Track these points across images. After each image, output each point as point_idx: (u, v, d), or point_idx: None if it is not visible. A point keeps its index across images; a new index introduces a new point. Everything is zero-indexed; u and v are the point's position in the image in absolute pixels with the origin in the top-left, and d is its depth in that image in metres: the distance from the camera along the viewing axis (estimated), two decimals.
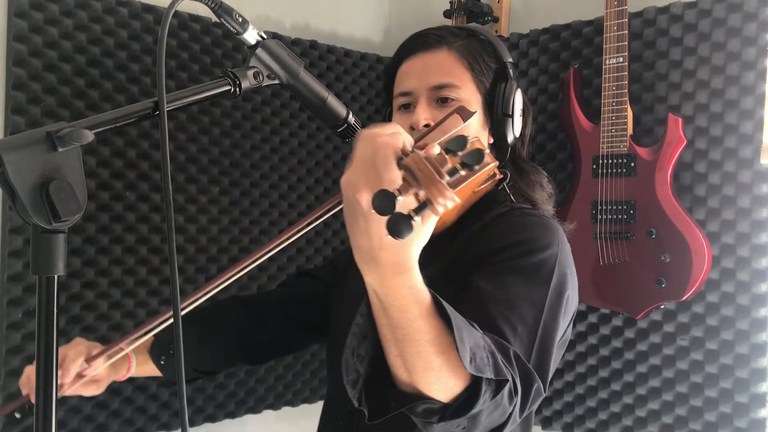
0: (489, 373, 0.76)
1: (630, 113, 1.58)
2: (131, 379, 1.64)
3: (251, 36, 0.78)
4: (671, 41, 1.63)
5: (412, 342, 0.75)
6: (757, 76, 1.50)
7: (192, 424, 1.77)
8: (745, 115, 1.52)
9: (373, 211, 0.63)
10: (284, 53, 0.81)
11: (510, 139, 1.11)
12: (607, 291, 1.61)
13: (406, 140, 0.69)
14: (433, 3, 2.18)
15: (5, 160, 0.55)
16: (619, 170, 1.57)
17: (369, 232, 0.69)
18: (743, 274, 1.52)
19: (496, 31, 1.99)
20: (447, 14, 1.95)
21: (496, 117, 1.09)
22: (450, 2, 1.94)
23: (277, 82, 0.81)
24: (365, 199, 0.67)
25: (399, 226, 0.62)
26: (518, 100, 1.11)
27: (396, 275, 0.72)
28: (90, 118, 0.63)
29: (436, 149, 0.65)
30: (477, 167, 0.62)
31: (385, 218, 0.63)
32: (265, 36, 0.80)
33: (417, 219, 0.62)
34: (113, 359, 1.07)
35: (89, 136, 0.59)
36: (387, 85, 1.17)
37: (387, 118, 1.17)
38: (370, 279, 0.73)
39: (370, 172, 0.67)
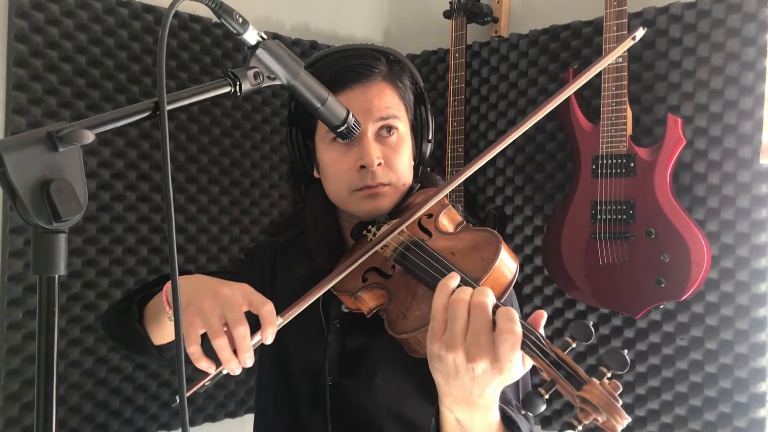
0: None
1: (629, 113, 1.58)
2: (131, 379, 1.66)
3: (251, 36, 0.78)
4: (671, 41, 1.63)
5: None
6: (756, 76, 1.50)
7: (192, 423, 1.77)
8: (744, 115, 1.52)
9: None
10: (284, 53, 0.80)
11: (426, 160, 1.14)
12: (607, 291, 1.61)
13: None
14: (433, 3, 2.18)
15: (6, 159, 0.55)
16: (619, 170, 1.57)
17: (473, 389, 0.78)
18: (743, 274, 1.52)
19: (496, 32, 1.98)
20: (447, 14, 1.95)
21: (420, 142, 1.12)
22: (450, 2, 1.94)
23: (277, 82, 0.80)
24: (481, 367, 0.76)
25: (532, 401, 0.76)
26: (432, 123, 1.13)
27: (486, 413, 0.83)
28: (90, 118, 0.63)
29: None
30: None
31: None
32: (265, 36, 0.80)
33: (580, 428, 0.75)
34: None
35: (90, 136, 0.59)
36: (303, 116, 1.09)
37: (301, 148, 1.11)
38: (459, 415, 0.83)
39: (485, 345, 0.76)
